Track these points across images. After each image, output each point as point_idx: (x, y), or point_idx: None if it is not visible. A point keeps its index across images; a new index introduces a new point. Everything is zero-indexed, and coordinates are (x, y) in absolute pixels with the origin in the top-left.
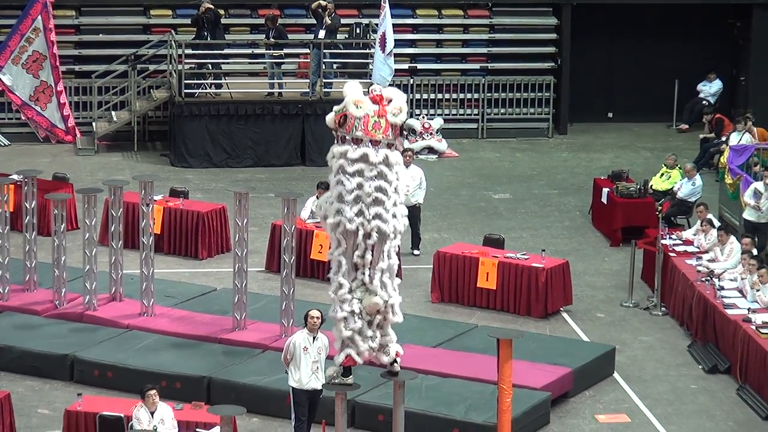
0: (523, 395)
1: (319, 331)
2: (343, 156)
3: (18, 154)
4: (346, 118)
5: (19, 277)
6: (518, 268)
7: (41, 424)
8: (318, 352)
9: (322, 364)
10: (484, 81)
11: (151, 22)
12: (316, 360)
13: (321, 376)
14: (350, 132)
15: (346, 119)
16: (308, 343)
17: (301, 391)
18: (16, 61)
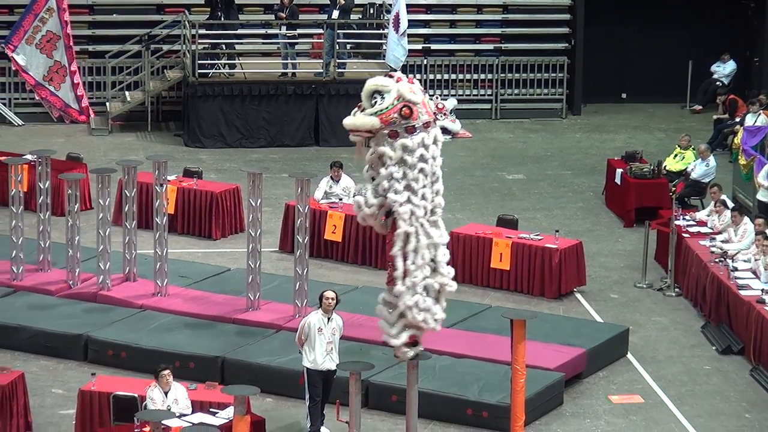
0: (536, 376)
1: (334, 311)
2: (406, 149)
3: (32, 134)
4: (411, 109)
5: (33, 257)
6: (532, 248)
7: (55, 403)
8: (332, 333)
9: (336, 344)
10: (497, 61)
11: (164, 2)
12: (331, 341)
13: (335, 357)
14: (417, 120)
15: (411, 110)
16: (323, 324)
17: (315, 372)
18: (29, 41)
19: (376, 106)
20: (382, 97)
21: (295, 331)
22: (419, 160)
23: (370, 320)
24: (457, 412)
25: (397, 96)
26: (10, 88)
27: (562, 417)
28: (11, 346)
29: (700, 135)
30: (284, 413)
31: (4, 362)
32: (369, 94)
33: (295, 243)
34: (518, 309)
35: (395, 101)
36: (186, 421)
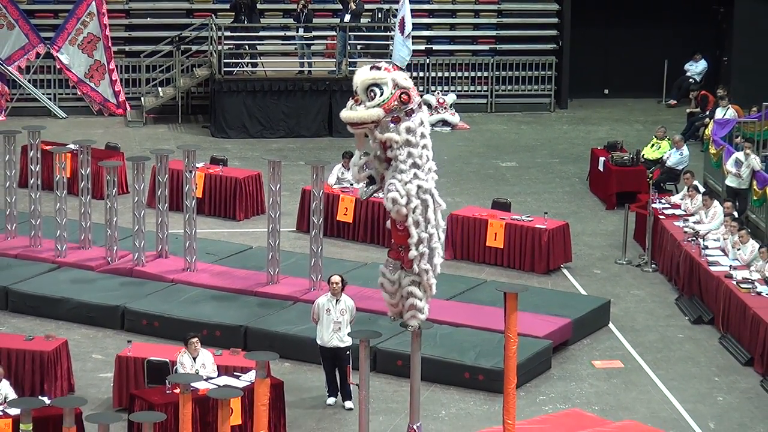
0: (527, 343)
1: (342, 293)
2: (410, 131)
3: (74, 125)
4: (409, 95)
5: (75, 236)
6: (523, 228)
7: (95, 367)
8: (341, 314)
9: (345, 324)
10: (492, 61)
11: (193, 7)
12: (338, 321)
13: (343, 336)
14: (412, 103)
15: (409, 96)
16: (331, 305)
17: (324, 348)
18: (72, 42)
19: (376, 98)
20: (380, 88)
21: (310, 304)
22: (421, 137)
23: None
24: (456, 376)
25: (394, 85)
26: (55, 84)
27: (550, 380)
28: (56, 316)
29: (674, 127)
30: (301, 376)
31: (49, 330)
32: (365, 87)
33: (311, 223)
34: (511, 283)
35: (393, 90)
36: (212, 384)
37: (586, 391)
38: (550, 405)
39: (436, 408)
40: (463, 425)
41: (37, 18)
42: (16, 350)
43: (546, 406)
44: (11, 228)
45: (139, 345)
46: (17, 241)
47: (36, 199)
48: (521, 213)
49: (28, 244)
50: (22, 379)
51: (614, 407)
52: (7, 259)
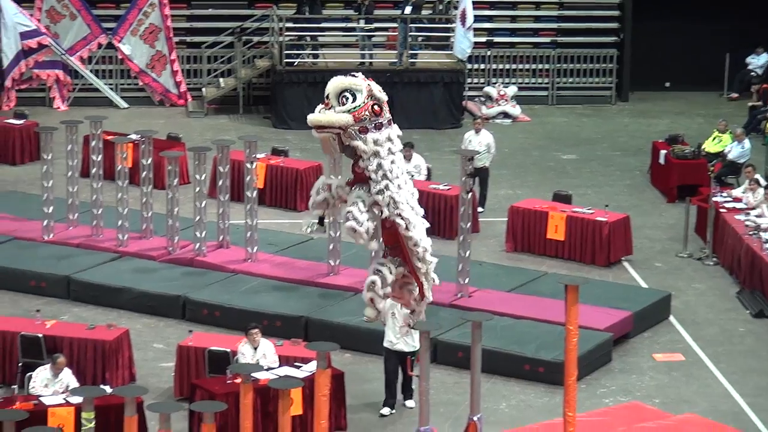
0: (587, 336)
1: None
2: (377, 143)
3: (136, 116)
4: (381, 108)
5: (136, 226)
6: (584, 221)
7: (156, 357)
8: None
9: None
10: (554, 53)
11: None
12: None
13: (411, 340)
14: (383, 117)
15: (382, 108)
16: (395, 309)
17: (389, 351)
18: (134, 33)
19: (348, 103)
20: (353, 95)
21: None
22: (388, 153)
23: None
24: (517, 368)
25: (368, 94)
26: (117, 74)
27: (610, 373)
28: (117, 306)
29: (736, 120)
30: (361, 367)
31: (110, 320)
32: (338, 92)
33: None
34: (571, 275)
35: (367, 99)
36: (273, 374)
37: (646, 384)
38: (611, 397)
39: (497, 400)
40: (523, 417)
41: (99, 8)
42: (78, 339)
43: (606, 399)
44: (73, 218)
45: (200, 335)
46: (79, 230)
47: (97, 189)
48: (582, 205)
49: (90, 233)
50: (83, 368)
51: (675, 400)
52: (69, 248)
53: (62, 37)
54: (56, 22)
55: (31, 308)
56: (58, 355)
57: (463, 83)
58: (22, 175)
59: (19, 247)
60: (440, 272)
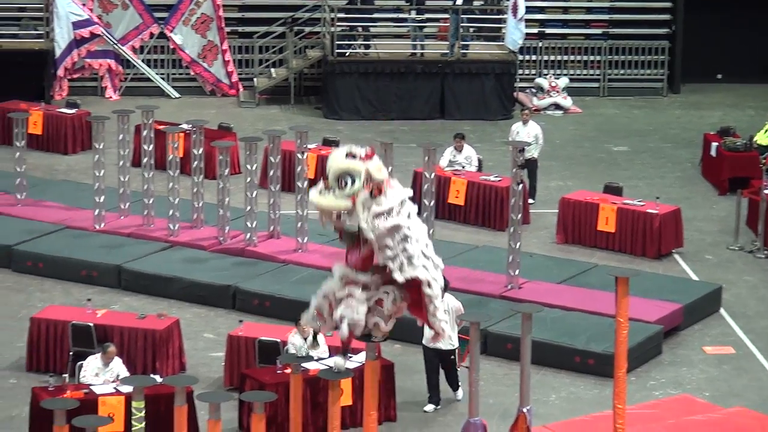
0: (638, 328)
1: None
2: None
3: (187, 105)
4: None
5: (187, 216)
6: (635, 213)
7: (206, 347)
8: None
9: (449, 326)
10: (605, 45)
11: None
12: None
13: (448, 338)
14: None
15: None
16: None
17: (427, 349)
18: (186, 23)
19: (347, 188)
20: (352, 179)
21: None
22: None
23: (489, 276)
24: (566, 360)
25: (367, 177)
26: (168, 64)
27: (660, 365)
28: (168, 295)
29: None
30: (411, 358)
31: (161, 309)
32: (337, 175)
33: (422, 206)
34: (622, 267)
35: (365, 182)
36: (323, 364)
37: (696, 377)
38: (661, 390)
39: (546, 392)
40: (573, 409)
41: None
42: (129, 328)
43: (656, 392)
44: (124, 207)
45: (250, 325)
46: (130, 220)
47: (149, 179)
48: (633, 197)
49: (141, 223)
50: (134, 357)
51: (725, 393)
52: (120, 237)
53: (114, 27)
54: (108, 12)
55: (82, 297)
56: (108, 344)
57: (515, 74)
58: (73, 165)
59: (71, 237)
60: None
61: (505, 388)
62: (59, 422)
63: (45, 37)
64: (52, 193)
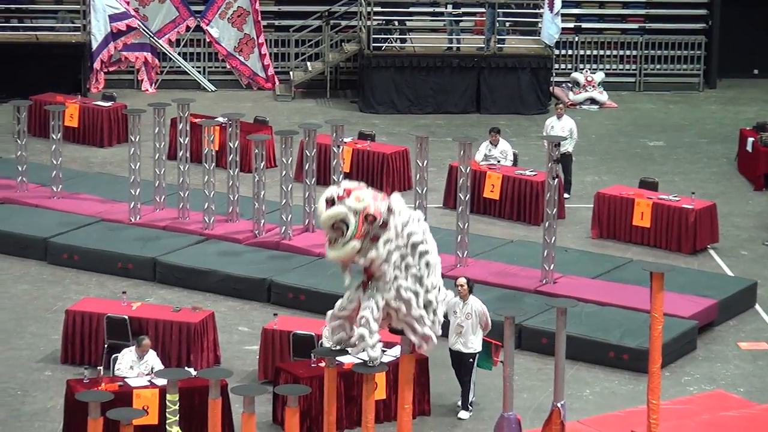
0: (672, 323)
1: (470, 296)
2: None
3: (223, 99)
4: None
5: (223, 209)
6: (670, 208)
7: (241, 340)
8: (466, 318)
9: (470, 329)
10: (641, 40)
11: None
12: (462, 324)
13: (467, 341)
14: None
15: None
16: (457, 307)
17: (451, 351)
18: (222, 16)
19: (347, 232)
20: (345, 223)
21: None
22: (409, 237)
23: (524, 270)
24: (601, 355)
25: (353, 212)
26: (205, 57)
27: (695, 361)
28: (203, 288)
29: None
30: (445, 352)
31: (196, 302)
32: (329, 226)
33: (458, 200)
34: (657, 263)
35: (356, 216)
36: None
37: (731, 373)
38: (695, 386)
39: (581, 387)
40: (607, 404)
41: None
42: (164, 321)
43: (691, 387)
44: (160, 200)
45: (285, 318)
46: (165, 213)
47: (184, 172)
48: (668, 192)
49: (177, 216)
50: (168, 350)
51: (760, 389)
52: (156, 230)
53: (151, 20)
54: (145, 5)
55: (117, 290)
56: (143, 337)
57: (551, 69)
58: (109, 157)
59: (107, 229)
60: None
61: (540, 383)
62: (94, 414)
63: (82, 29)
64: (88, 186)
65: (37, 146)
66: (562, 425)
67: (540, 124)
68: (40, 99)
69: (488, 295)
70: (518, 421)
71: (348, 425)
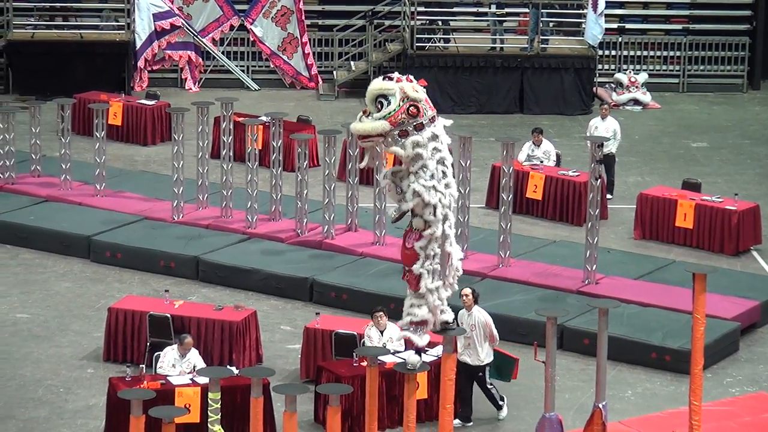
0: (715, 325)
1: (475, 307)
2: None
3: (266, 98)
4: (418, 108)
5: (265, 208)
6: (713, 209)
7: (283, 339)
8: (471, 329)
9: (477, 340)
10: (685, 40)
11: None
12: (469, 335)
13: (476, 353)
14: (423, 116)
15: (418, 109)
16: (463, 319)
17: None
18: (266, 15)
19: (383, 109)
20: (387, 99)
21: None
22: (435, 152)
23: (566, 271)
24: (643, 356)
25: (402, 96)
26: (248, 56)
27: (737, 362)
28: (245, 287)
29: None
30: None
31: (238, 301)
32: (373, 98)
33: (500, 200)
34: (699, 264)
35: (401, 102)
36: (399, 357)
37: None
38: (737, 387)
39: (622, 387)
40: (648, 405)
41: None
42: (206, 320)
43: (733, 389)
44: (203, 199)
45: (327, 317)
46: (208, 211)
47: (227, 171)
48: (711, 194)
49: (219, 214)
50: (211, 348)
51: None
52: (198, 229)
53: (195, 19)
54: (189, 4)
55: (160, 288)
56: (185, 335)
57: (594, 69)
58: (152, 156)
59: (150, 228)
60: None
61: (581, 384)
62: (136, 412)
63: (126, 28)
64: (131, 184)
65: (81, 144)
66: (604, 426)
67: (583, 125)
68: (84, 97)
69: (530, 295)
70: (560, 421)
71: (389, 425)
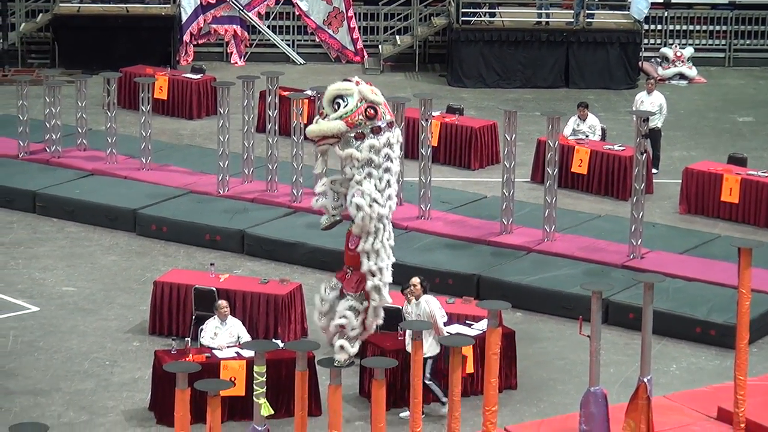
0: (760, 299)
1: (423, 297)
2: (372, 149)
3: (312, 72)
4: (376, 110)
5: (310, 182)
6: (759, 184)
7: None
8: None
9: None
10: (731, 14)
11: None
12: None
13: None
14: (381, 120)
15: (376, 111)
16: (412, 308)
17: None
18: None
19: (340, 109)
20: (345, 100)
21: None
22: (385, 159)
23: (611, 245)
24: (688, 330)
25: (360, 98)
26: (294, 30)
27: None
28: (290, 260)
29: None
30: (532, 326)
31: (284, 274)
32: (330, 99)
33: (545, 174)
34: (745, 238)
35: (359, 103)
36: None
37: None
38: None
39: (667, 362)
40: (693, 380)
41: None
42: (251, 293)
43: None
44: (248, 172)
45: None
46: (254, 185)
47: (273, 144)
48: (757, 168)
49: (265, 188)
50: (256, 321)
51: None
52: (244, 202)
53: None
54: None
55: (205, 262)
56: (217, 302)
57: (640, 44)
58: (198, 130)
59: (195, 201)
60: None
61: (626, 358)
62: (181, 385)
63: (171, 2)
64: (177, 158)
65: (127, 118)
66: (649, 400)
67: (629, 99)
68: (130, 71)
69: (575, 269)
70: (605, 395)
71: (434, 398)
